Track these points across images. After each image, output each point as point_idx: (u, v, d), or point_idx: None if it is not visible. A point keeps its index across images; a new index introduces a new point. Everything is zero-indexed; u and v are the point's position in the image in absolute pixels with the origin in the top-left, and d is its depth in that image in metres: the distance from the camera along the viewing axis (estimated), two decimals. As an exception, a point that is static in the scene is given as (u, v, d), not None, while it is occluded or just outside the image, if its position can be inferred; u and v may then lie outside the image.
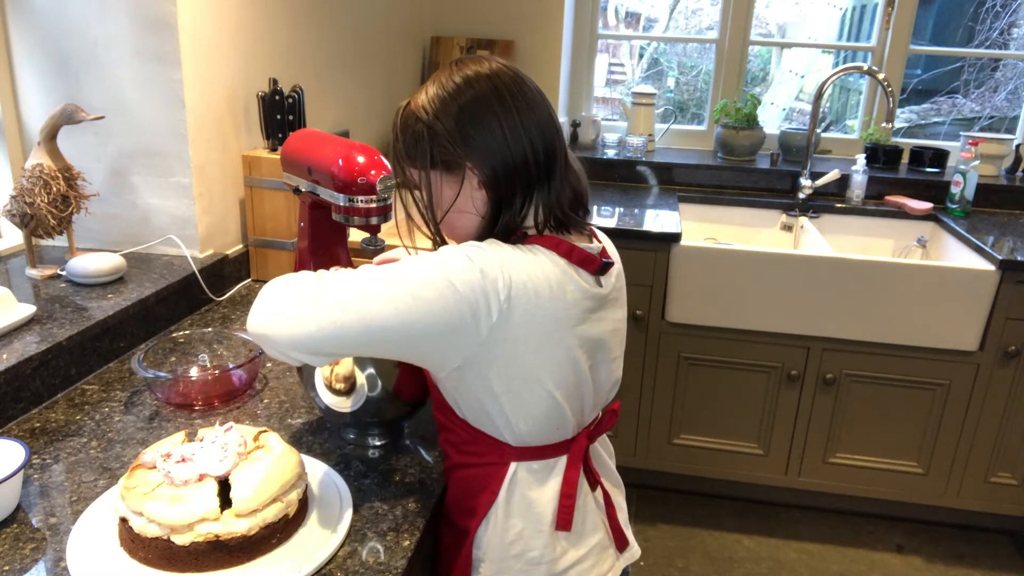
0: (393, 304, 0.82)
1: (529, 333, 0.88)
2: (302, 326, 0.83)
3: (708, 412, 2.38)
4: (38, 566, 0.85)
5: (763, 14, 3.23)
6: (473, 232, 0.96)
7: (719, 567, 2.26)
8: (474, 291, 0.84)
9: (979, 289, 2.11)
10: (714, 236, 2.68)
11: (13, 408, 1.13)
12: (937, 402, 2.24)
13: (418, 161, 0.94)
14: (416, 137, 0.93)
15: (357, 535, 0.92)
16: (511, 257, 0.88)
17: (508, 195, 0.92)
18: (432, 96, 0.92)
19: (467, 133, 0.91)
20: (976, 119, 3.34)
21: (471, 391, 0.91)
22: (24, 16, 1.51)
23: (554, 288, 0.89)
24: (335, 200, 1.32)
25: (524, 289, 0.86)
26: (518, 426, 0.93)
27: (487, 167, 0.91)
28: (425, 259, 0.87)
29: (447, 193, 0.95)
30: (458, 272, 0.84)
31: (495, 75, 0.93)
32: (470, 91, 0.91)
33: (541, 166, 0.93)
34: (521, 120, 0.92)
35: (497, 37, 2.81)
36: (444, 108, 0.91)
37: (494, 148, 0.91)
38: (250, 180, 1.67)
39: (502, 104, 0.92)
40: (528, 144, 0.92)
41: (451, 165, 0.92)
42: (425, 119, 0.92)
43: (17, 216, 1.43)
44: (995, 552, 2.36)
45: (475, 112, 0.91)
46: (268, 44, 1.79)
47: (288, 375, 1.31)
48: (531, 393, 0.91)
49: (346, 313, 0.82)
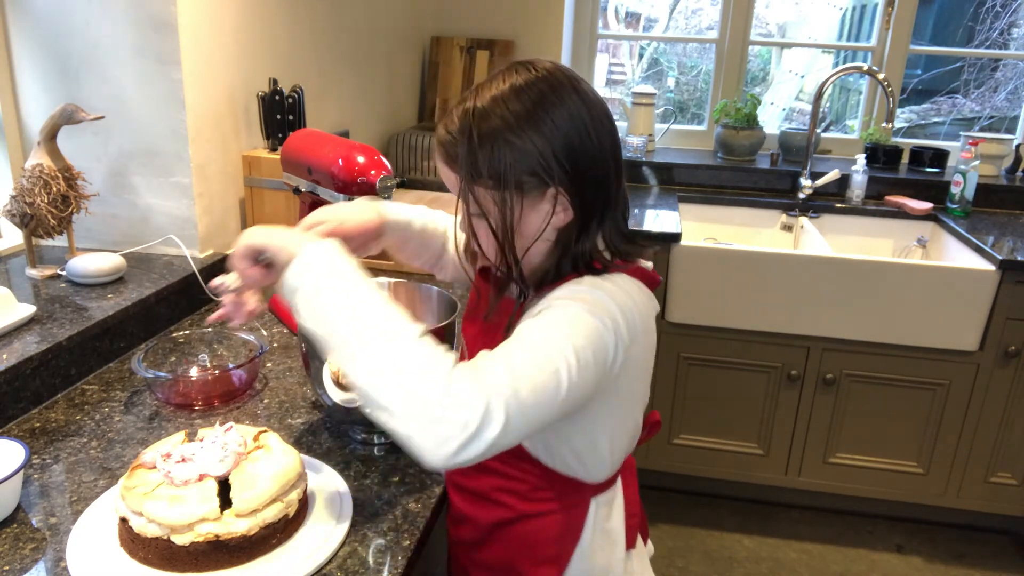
0: (565, 391, 0.75)
1: (638, 366, 0.87)
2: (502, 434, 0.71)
3: (708, 412, 2.38)
4: (38, 566, 0.85)
5: (763, 14, 3.23)
6: (546, 259, 0.87)
7: (719, 567, 2.26)
8: (608, 351, 0.79)
9: (979, 289, 2.11)
10: (714, 236, 2.68)
11: (13, 408, 1.13)
12: (937, 402, 2.24)
13: (498, 181, 0.81)
14: (499, 156, 0.81)
15: (357, 535, 0.92)
16: (620, 297, 0.82)
17: (589, 220, 0.85)
18: (519, 109, 0.81)
19: (560, 151, 0.81)
20: (976, 119, 3.34)
21: (569, 434, 0.86)
22: (24, 16, 1.51)
23: (648, 320, 0.87)
24: (335, 200, 1.32)
25: (638, 327, 0.83)
26: (611, 459, 0.90)
27: (576, 188, 0.82)
28: (557, 327, 0.78)
29: (533, 219, 0.84)
30: (593, 335, 0.78)
31: (575, 83, 0.84)
32: (559, 102, 0.81)
33: (616, 184, 0.86)
34: (606, 132, 0.84)
35: (497, 37, 2.81)
36: (534, 122, 0.81)
37: (586, 168, 0.82)
38: (250, 180, 1.67)
39: (591, 116, 0.83)
40: (612, 162, 0.85)
41: (534, 186, 0.82)
42: (511, 135, 0.80)
43: (17, 216, 1.43)
44: (995, 552, 2.36)
45: (568, 127, 0.81)
46: (268, 44, 1.79)
47: (288, 375, 1.31)
48: (630, 418, 0.90)
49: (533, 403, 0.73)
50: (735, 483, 2.47)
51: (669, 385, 2.37)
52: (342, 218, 0.97)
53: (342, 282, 0.76)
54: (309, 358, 1.09)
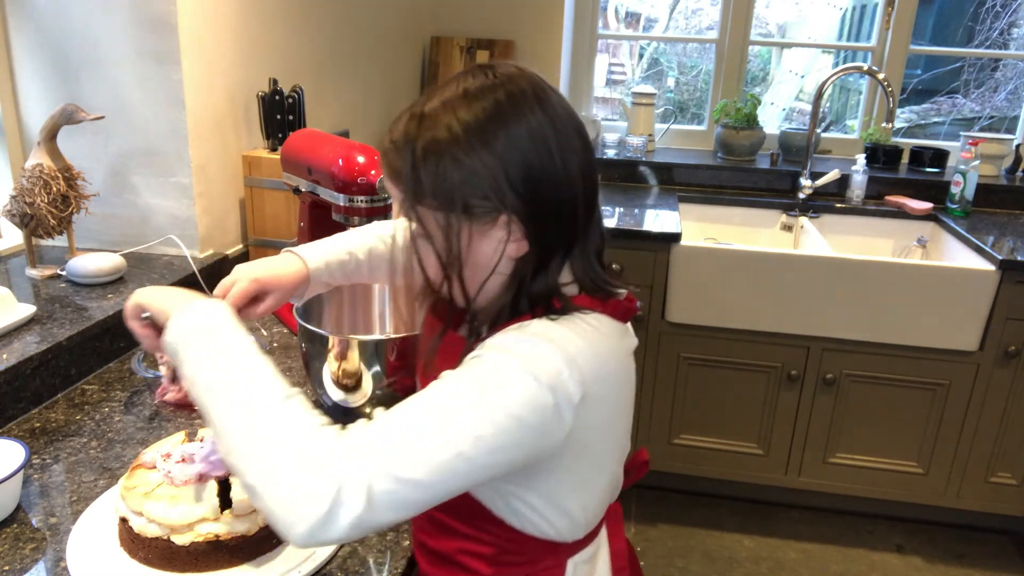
0: (462, 467, 0.65)
1: (603, 420, 0.75)
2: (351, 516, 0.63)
3: (708, 412, 2.38)
4: (38, 566, 0.85)
5: (763, 14, 3.23)
6: (501, 294, 0.77)
7: (719, 567, 2.26)
8: (546, 416, 0.68)
9: (979, 289, 2.11)
10: (714, 236, 2.68)
11: (13, 408, 1.13)
12: (937, 402, 2.24)
13: (443, 203, 0.71)
14: (443, 173, 0.70)
15: (357, 535, 0.92)
16: (575, 345, 0.70)
17: (550, 254, 0.74)
18: (470, 119, 0.70)
19: (515, 172, 0.70)
20: (976, 119, 3.34)
21: (529, 498, 0.76)
22: (24, 16, 1.51)
23: (619, 361, 0.76)
24: (335, 200, 1.32)
25: (595, 379, 0.71)
26: (584, 518, 0.79)
27: (533, 217, 0.72)
28: (477, 388, 0.67)
29: (483, 248, 0.73)
30: (526, 399, 0.67)
31: (541, 92, 0.73)
32: (518, 114, 0.70)
33: (585, 214, 0.75)
34: (573, 154, 0.73)
35: (497, 37, 2.81)
36: (486, 137, 0.69)
37: (546, 196, 0.71)
38: (250, 180, 1.67)
39: (556, 133, 0.71)
40: (582, 188, 0.74)
41: (485, 212, 0.71)
42: (458, 151, 0.70)
43: (17, 216, 1.43)
44: (995, 552, 2.36)
45: (527, 145, 0.70)
46: (268, 44, 1.78)
47: (288, 375, 1.31)
48: (601, 475, 0.79)
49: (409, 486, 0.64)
50: (735, 483, 2.47)
51: (669, 385, 2.37)
52: (256, 275, 0.94)
53: (209, 348, 0.72)
54: (309, 358, 1.09)
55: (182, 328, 0.75)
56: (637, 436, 2.43)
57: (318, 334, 1.06)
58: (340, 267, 1.02)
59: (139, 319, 0.85)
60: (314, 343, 1.06)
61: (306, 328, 1.07)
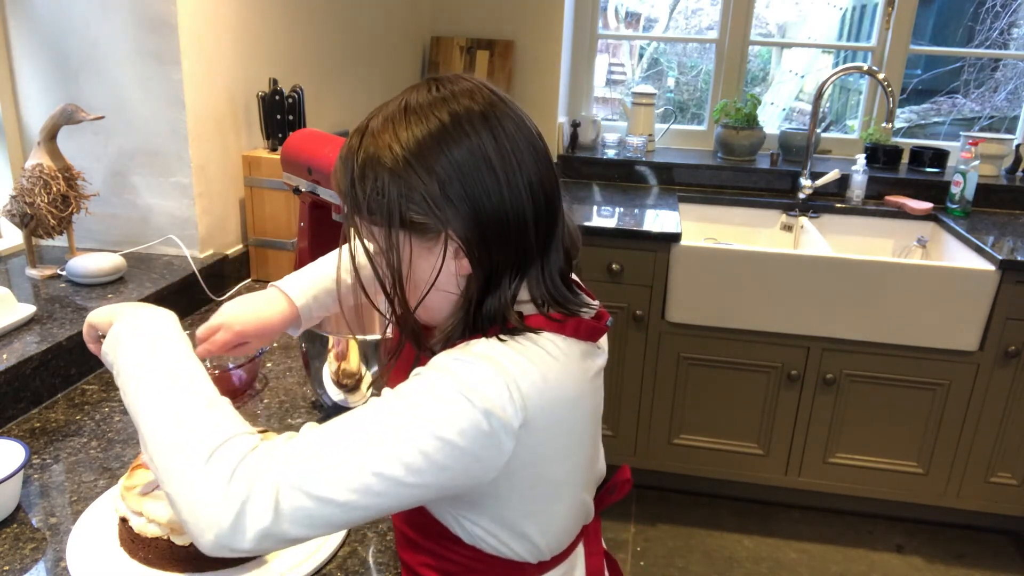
0: (382, 487, 0.64)
1: (554, 447, 0.72)
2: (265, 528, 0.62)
3: (708, 412, 2.38)
4: (38, 566, 0.85)
5: (763, 14, 3.23)
6: (449, 312, 0.75)
7: (719, 567, 2.26)
8: (478, 440, 0.66)
9: (979, 289, 2.11)
10: (714, 236, 2.68)
11: (13, 408, 1.13)
12: (937, 402, 2.24)
13: (381, 219, 0.71)
14: (380, 190, 0.69)
15: (357, 535, 0.92)
16: (520, 368, 0.68)
17: (497, 270, 0.72)
18: (408, 137, 0.69)
19: (452, 191, 0.69)
20: (976, 119, 3.34)
21: (482, 521, 0.74)
22: (24, 16, 1.51)
23: (576, 385, 0.73)
24: (335, 200, 1.32)
25: (542, 404, 0.68)
26: (545, 543, 0.77)
27: (474, 235, 0.70)
28: (407, 407, 0.66)
29: (422, 264, 0.72)
30: (456, 421, 0.65)
31: (489, 108, 0.71)
32: (459, 132, 0.69)
33: (540, 231, 0.73)
34: (521, 171, 0.70)
35: (497, 37, 2.81)
36: (423, 155, 0.68)
37: (487, 211, 0.69)
38: (250, 180, 1.67)
39: (499, 151, 0.70)
40: (529, 203, 0.71)
41: (426, 229, 0.70)
42: (395, 168, 0.69)
43: (17, 216, 1.43)
44: (995, 552, 2.36)
45: (466, 164, 0.69)
46: (268, 44, 1.79)
47: (288, 375, 1.31)
48: (559, 503, 0.76)
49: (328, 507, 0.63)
50: (735, 483, 2.47)
51: (669, 385, 2.37)
52: (241, 326, 0.93)
53: (142, 352, 0.72)
54: (309, 358, 1.09)
55: (118, 333, 0.75)
56: (637, 435, 2.43)
57: (318, 334, 1.06)
58: (328, 296, 0.99)
59: (96, 341, 0.83)
60: (314, 343, 1.06)
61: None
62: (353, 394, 1.07)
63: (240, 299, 0.96)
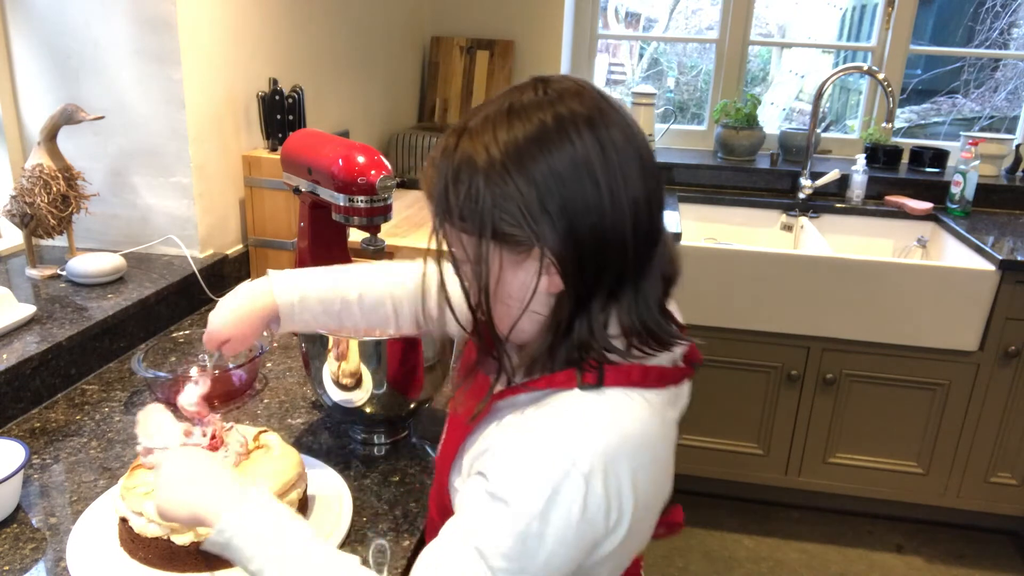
0: None
1: (650, 524, 0.72)
2: None
3: (708, 412, 2.38)
4: (38, 566, 0.85)
5: (763, 14, 3.23)
6: (537, 336, 0.70)
7: (719, 567, 2.26)
8: (595, 536, 0.65)
9: (979, 289, 2.11)
10: (714, 236, 2.68)
11: (13, 408, 1.13)
12: (937, 402, 2.24)
13: (472, 226, 0.66)
14: (474, 196, 0.64)
15: (357, 535, 0.92)
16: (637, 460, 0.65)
17: (589, 297, 0.66)
18: (507, 139, 0.64)
19: (551, 203, 0.63)
20: (976, 119, 3.34)
21: None
22: (24, 16, 1.51)
23: (669, 453, 0.71)
24: (335, 200, 1.32)
25: (647, 491, 0.67)
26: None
27: (569, 254, 0.64)
28: (526, 520, 0.62)
29: (509, 279, 0.67)
30: (576, 531, 0.63)
31: (597, 113, 0.65)
32: (562, 138, 0.63)
33: (639, 254, 0.67)
34: (627, 187, 0.64)
35: (497, 37, 2.81)
36: (521, 160, 0.63)
37: (585, 229, 0.64)
38: (250, 180, 1.67)
39: (605, 162, 0.64)
40: (630, 224, 0.65)
41: (518, 242, 0.65)
42: (491, 172, 0.64)
43: (17, 216, 1.43)
44: (995, 552, 2.36)
45: (567, 173, 0.63)
46: (268, 44, 1.78)
47: (288, 375, 1.31)
48: (638, 548, 0.75)
49: None
50: (735, 483, 2.47)
51: (669, 385, 2.36)
52: (236, 327, 0.94)
53: (270, 547, 0.68)
54: (309, 358, 1.09)
55: (236, 528, 0.69)
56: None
57: (318, 334, 1.06)
58: (321, 306, 0.95)
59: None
60: (314, 343, 1.06)
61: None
62: (353, 394, 1.07)
63: (227, 298, 0.96)
